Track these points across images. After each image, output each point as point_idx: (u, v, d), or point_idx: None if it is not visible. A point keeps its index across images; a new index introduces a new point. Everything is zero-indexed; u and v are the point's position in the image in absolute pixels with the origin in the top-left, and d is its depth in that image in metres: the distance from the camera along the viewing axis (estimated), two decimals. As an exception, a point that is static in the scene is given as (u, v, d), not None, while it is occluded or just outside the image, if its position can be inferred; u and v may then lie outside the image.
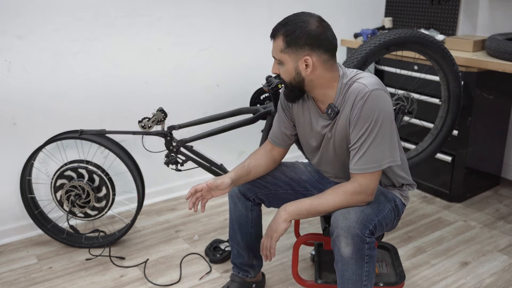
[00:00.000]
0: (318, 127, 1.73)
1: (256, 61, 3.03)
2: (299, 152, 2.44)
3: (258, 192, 1.85)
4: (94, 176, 2.32)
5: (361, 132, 1.58)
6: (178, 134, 2.46)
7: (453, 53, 2.64)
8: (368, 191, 1.61)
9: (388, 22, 3.37)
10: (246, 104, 2.53)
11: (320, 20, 1.60)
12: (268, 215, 2.39)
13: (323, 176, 1.93)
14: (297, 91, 1.67)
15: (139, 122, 2.19)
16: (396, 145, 1.64)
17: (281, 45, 1.59)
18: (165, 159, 2.23)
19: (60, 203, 2.34)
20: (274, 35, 1.62)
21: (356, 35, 3.27)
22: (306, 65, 1.59)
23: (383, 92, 1.59)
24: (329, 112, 1.65)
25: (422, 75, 2.78)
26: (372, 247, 1.56)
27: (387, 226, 1.73)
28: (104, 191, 2.34)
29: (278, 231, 1.66)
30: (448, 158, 2.85)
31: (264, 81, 2.21)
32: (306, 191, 1.89)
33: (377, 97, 1.57)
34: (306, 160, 2.05)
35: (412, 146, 2.86)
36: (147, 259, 2.33)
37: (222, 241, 2.42)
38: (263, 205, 1.93)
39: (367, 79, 1.61)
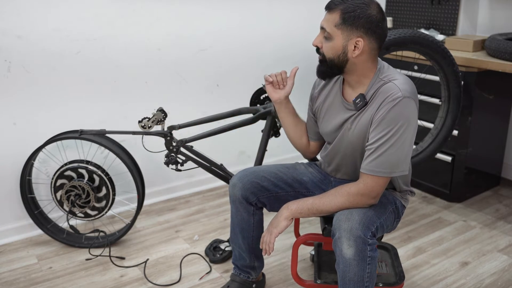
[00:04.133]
0: (339, 117, 1.73)
1: (256, 61, 3.03)
2: (299, 152, 2.44)
3: (260, 196, 1.85)
4: (94, 176, 2.32)
5: (381, 134, 1.57)
6: (178, 134, 2.46)
7: (453, 53, 2.64)
8: (372, 194, 1.61)
9: (388, 22, 3.36)
10: (246, 104, 2.53)
11: (380, 8, 1.60)
12: (269, 215, 2.39)
13: (325, 177, 1.93)
14: (335, 70, 1.64)
15: (139, 122, 2.19)
16: (409, 157, 1.63)
17: (336, 19, 1.57)
18: (165, 159, 2.23)
19: (60, 203, 2.34)
20: (331, 7, 1.58)
21: (356, 35, 3.27)
22: (355, 46, 1.58)
23: (414, 102, 1.57)
24: (357, 101, 1.64)
25: (422, 75, 2.78)
26: (374, 248, 1.56)
27: (388, 228, 1.73)
28: (104, 191, 2.34)
29: (278, 228, 1.68)
30: (448, 158, 2.85)
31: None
32: (307, 192, 1.89)
33: (407, 105, 1.55)
34: (306, 161, 2.05)
35: (412, 146, 2.86)
36: (147, 259, 2.33)
37: (222, 241, 2.42)
38: (264, 208, 1.93)
39: (403, 83, 1.59)
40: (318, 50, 1.66)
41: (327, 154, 1.86)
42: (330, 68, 1.65)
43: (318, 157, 2.01)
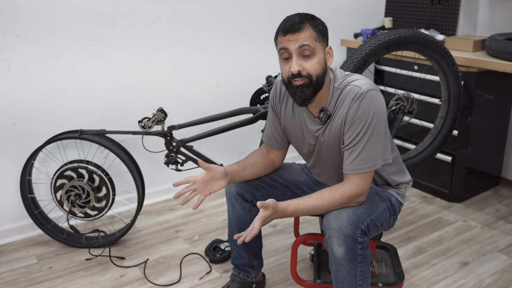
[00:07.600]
0: (312, 132, 1.72)
1: (256, 61, 3.03)
2: (297, 153, 2.44)
3: (255, 193, 1.86)
4: (94, 176, 2.32)
5: (356, 131, 1.58)
6: (178, 134, 2.46)
7: (453, 53, 2.64)
8: (363, 192, 1.62)
9: (388, 22, 3.37)
10: (246, 104, 2.53)
11: None
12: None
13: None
14: (321, 86, 1.60)
15: (139, 122, 2.19)
16: (388, 145, 1.65)
17: (313, 34, 1.56)
18: (165, 159, 2.23)
19: (60, 203, 2.35)
20: (300, 27, 1.54)
21: (356, 35, 3.27)
22: (329, 55, 1.63)
23: (377, 92, 1.60)
24: (321, 115, 1.65)
25: (422, 75, 2.78)
26: (365, 247, 1.57)
27: (383, 226, 1.73)
28: (104, 191, 2.34)
29: (259, 216, 1.55)
30: (448, 158, 2.85)
31: (264, 81, 2.21)
32: (303, 193, 1.89)
33: (372, 97, 1.58)
34: (304, 162, 2.05)
35: (412, 146, 2.86)
36: (147, 259, 2.33)
37: (222, 241, 2.42)
38: None
39: (360, 81, 1.62)
40: (299, 75, 1.56)
41: (312, 167, 1.87)
42: (317, 87, 1.59)
43: None
